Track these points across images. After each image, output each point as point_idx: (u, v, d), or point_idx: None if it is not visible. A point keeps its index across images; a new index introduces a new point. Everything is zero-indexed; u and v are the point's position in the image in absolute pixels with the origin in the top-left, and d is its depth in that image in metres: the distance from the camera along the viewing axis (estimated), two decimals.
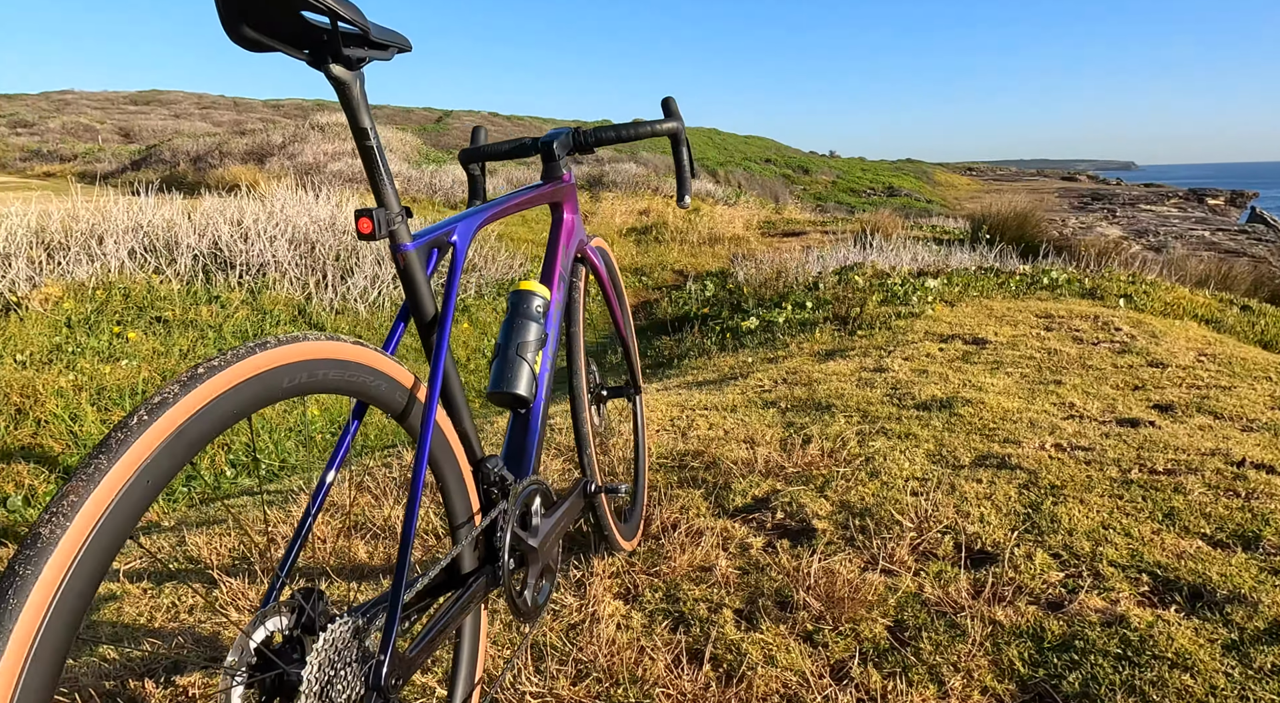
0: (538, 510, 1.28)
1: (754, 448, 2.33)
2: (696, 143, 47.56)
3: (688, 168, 1.64)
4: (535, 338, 1.37)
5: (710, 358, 4.20)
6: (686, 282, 7.99)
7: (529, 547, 1.23)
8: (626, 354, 1.90)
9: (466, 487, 1.14)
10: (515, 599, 1.19)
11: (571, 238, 1.57)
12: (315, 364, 0.81)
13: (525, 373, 1.33)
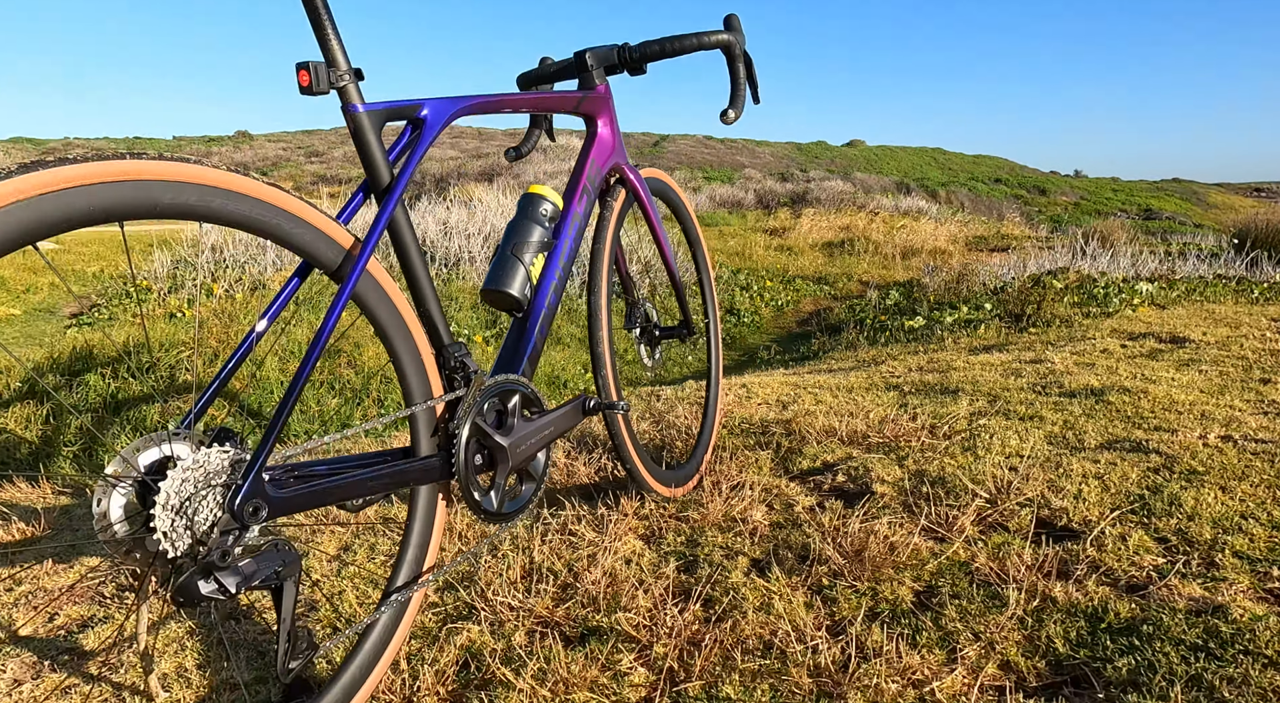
0: (515, 411, 1.24)
1: (843, 419, 2.12)
2: (917, 163, 45.28)
3: (743, 86, 1.54)
4: (536, 241, 1.34)
5: (855, 351, 3.92)
6: (869, 291, 7.58)
7: (496, 444, 1.19)
8: (677, 293, 1.81)
9: (426, 369, 1.14)
10: (473, 495, 1.16)
11: (606, 155, 1.53)
12: (205, 191, 0.84)
13: (520, 274, 1.31)
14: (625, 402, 1.40)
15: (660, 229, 1.70)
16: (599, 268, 1.50)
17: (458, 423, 1.15)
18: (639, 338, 1.80)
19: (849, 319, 6.06)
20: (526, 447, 1.26)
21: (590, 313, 1.49)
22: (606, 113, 1.53)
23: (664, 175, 1.78)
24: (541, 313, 1.35)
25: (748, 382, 2.94)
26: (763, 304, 7.59)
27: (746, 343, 6.48)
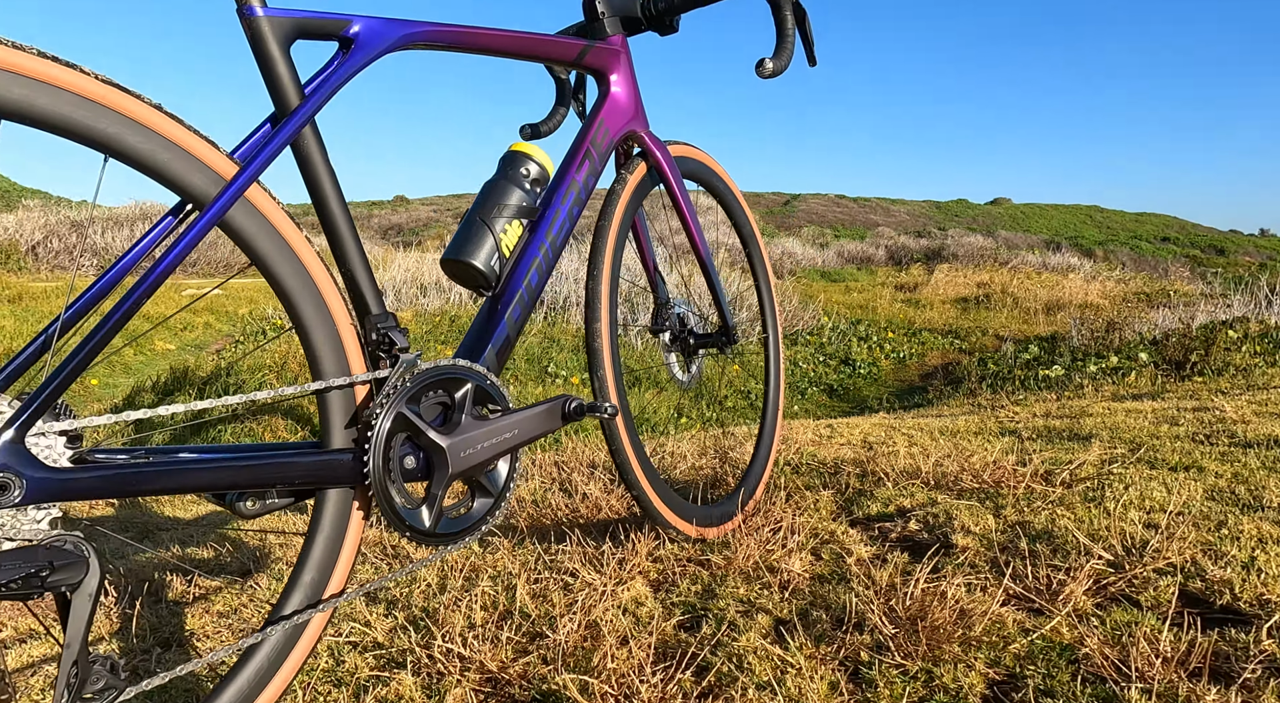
0: (464, 406, 1.00)
1: (932, 460, 1.73)
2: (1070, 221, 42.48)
3: (791, 35, 1.27)
4: (514, 204, 1.11)
5: (974, 398, 3.43)
6: (1005, 344, 6.88)
7: (432, 443, 0.95)
8: (713, 291, 1.52)
9: (342, 339, 0.92)
10: (393, 506, 0.92)
11: (619, 117, 1.29)
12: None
13: (486, 243, 1.09)
14: (613, 405, 1.12)
15: (691, 212, 1.43)
16: (601, 248, 1.25)
17: (375, 411, 0.91)
18: (668, 346, 1.52)
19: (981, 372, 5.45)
20: (476, 451, 1.00)
21: (588, 300, 1.24)
22: (621, 69, 1.30)
23: (701, 152, 1.52)
24: (517, 294, 1.11)
25: (835, 423, 2.57)
26: (882, 356, 7.05)
27: (860, 395, 5.98)
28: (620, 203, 1.29)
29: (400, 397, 0.93)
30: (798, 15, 1.31)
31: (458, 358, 1.05)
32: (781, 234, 19.61)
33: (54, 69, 0.70)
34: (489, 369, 1.08)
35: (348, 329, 0.93)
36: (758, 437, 1.68)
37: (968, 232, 27.45)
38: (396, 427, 0.93)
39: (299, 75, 0.88)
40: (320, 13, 0.89)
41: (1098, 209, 44.89)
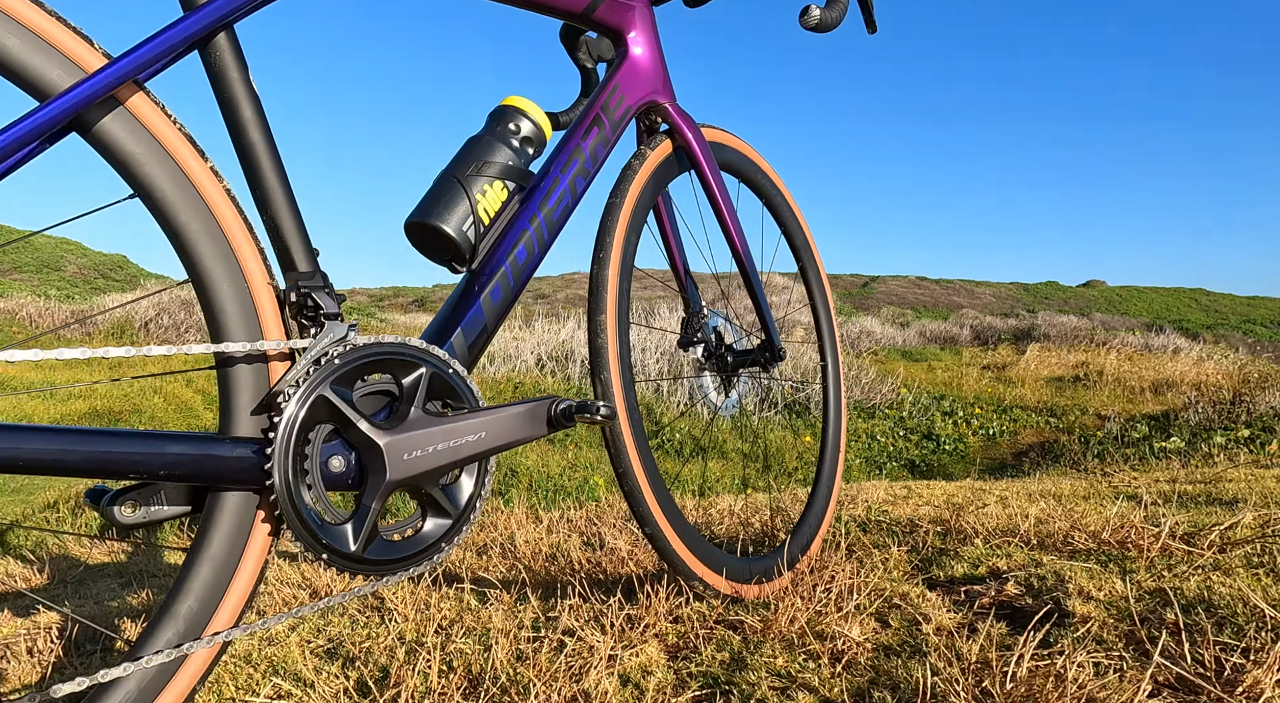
0: (415, 397, 0.79)
1: (1031, 517, 1.40)
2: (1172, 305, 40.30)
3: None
4: (498, 163, 0.93)
5: (1078, 467, 3.00)
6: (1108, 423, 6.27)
7: (365, 439, 0.74)
8: (754, 298, 1.27)
9: (253, 298, 0.73)
10: (302, 518, 0.71)
11: (639, 83, 1.11)
12: None
13: (459, 206, 0.89)
14: (608, 405, 0.88)
15: (727, 205, 1.22)
16: (611, 228, 1.04)
17: (286, 390, 0.71)
18: (701, 363, 1.28)
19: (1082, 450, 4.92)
20: (426, 454, 0.78)
21: (592, 288, 1.02)
22: (641, 28, 1.12)
23: (741, 141, 1.32)
24: (499, 272, 0.91)
25: (913, 485, 2.23)
26: (969, 431, 6.54)
27: (946, 471, 5.49)
28: (637, 179, 1.08)
29: (324, 376, 0.73)
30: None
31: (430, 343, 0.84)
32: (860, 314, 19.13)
33: None
34: (453, 356, 0.87)
35: (263, 287, 0.73)
36: (814, 481, 1.40)
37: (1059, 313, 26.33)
38: (316, 414, 0.73)
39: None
40: None
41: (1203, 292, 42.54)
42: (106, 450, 0.63)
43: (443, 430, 0.80)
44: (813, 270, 1.47)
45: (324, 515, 0.73)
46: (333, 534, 0.73)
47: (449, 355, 0.84)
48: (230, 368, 0.72)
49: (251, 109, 0.74)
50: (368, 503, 0.75)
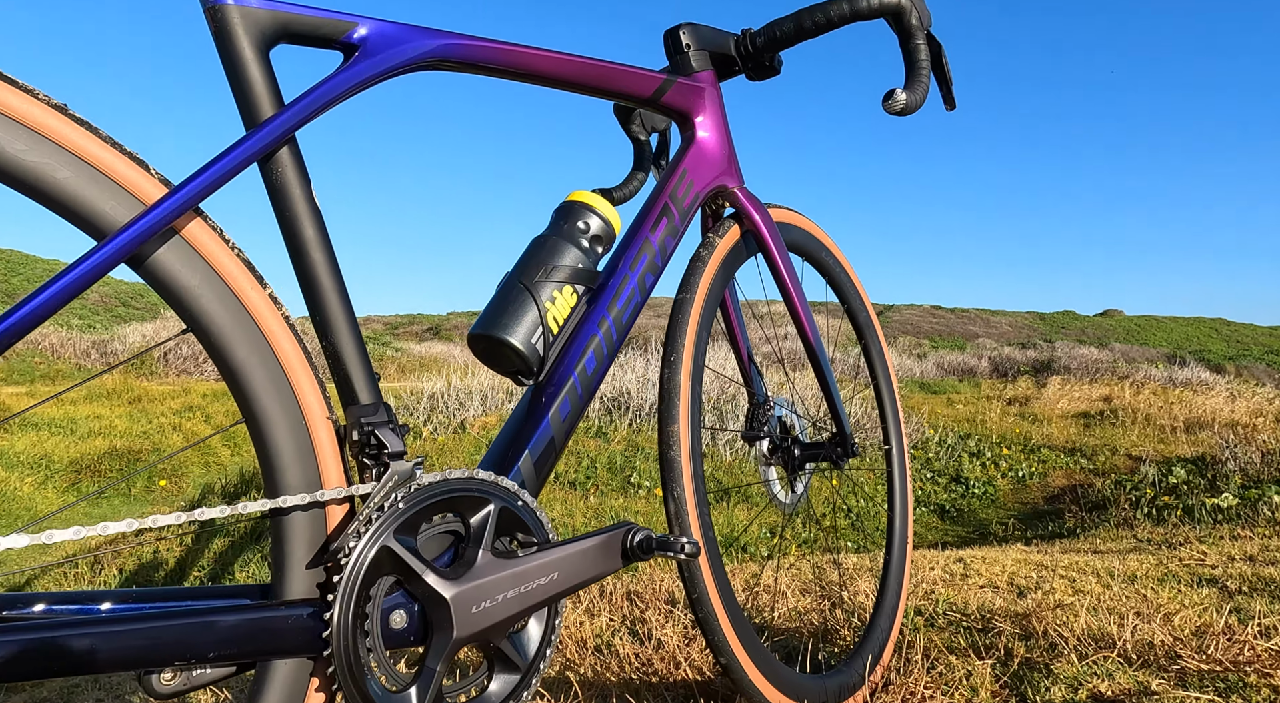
0: (483, 537, 0.71)
1: (1124, 620, 1.30)
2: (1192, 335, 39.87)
3: (924, 68, 1.00)
4: (567, 267, 0.85)
5: (1132, 529, 2.87)
6: (1142, 466, 6.10)
7: (431, 593, 0.66)
8: (825, 389, 1.19)
9: (312, 439, 0.66)
10: (361, 687, 0.63)
11: (706, 168, 1.04)
12: None
13: (528, 316, 0.82)
14: (693, 541, 0.80)
15: (797, 290, 1.14)
16: (681, 327, 0.96)
17: (348, 543, 0.63)
18: (767, 457, 1.20)
19: (1118, 497, 4.77)
20: (497, 603, 0.70)
21: (662, 394, 0.94)
22: (709, 110, 1.05)
23: (807, 220, 1.25)
24: (568, 383, 0.84)
25: (967, 556, 2.12)
26: (998, 474, 6.38)
27: (977, 518, 5.34)
28: (707, 272, 1.01)
29: (388, 524, 0.65)
30: (933, 48, 1.05)
31: (481, 468, 0.77)
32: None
33: None
34: (523, 484, 0.79)
35: (322, 424, 0.66)
36: (881, 580, 1.30)
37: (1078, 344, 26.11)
38: (379, 567, 0.65)
39: (279, 86, 0.67)
40: (316, 8, 0.68)
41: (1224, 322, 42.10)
42: (147, 641, 0.55)
43: (512, 575, 0.72)
44: (876, 350, 1.39)
45: (385, 682, 0.65)
46: (395, 697, 0.65)
47: (517, 485, 0.76)
48: (284, 518, 0.65)
49: (314, 228, 0.67)
50: (432, 665, 0.67)
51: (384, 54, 0.71)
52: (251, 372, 0.63)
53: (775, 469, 1.21)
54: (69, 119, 0.55)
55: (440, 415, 7.38)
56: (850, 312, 1.36)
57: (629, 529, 0.82)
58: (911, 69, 1.01)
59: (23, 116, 0.53)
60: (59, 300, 0.52)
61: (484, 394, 7.89)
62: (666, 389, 0.94)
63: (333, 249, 0.69)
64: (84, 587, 2.76)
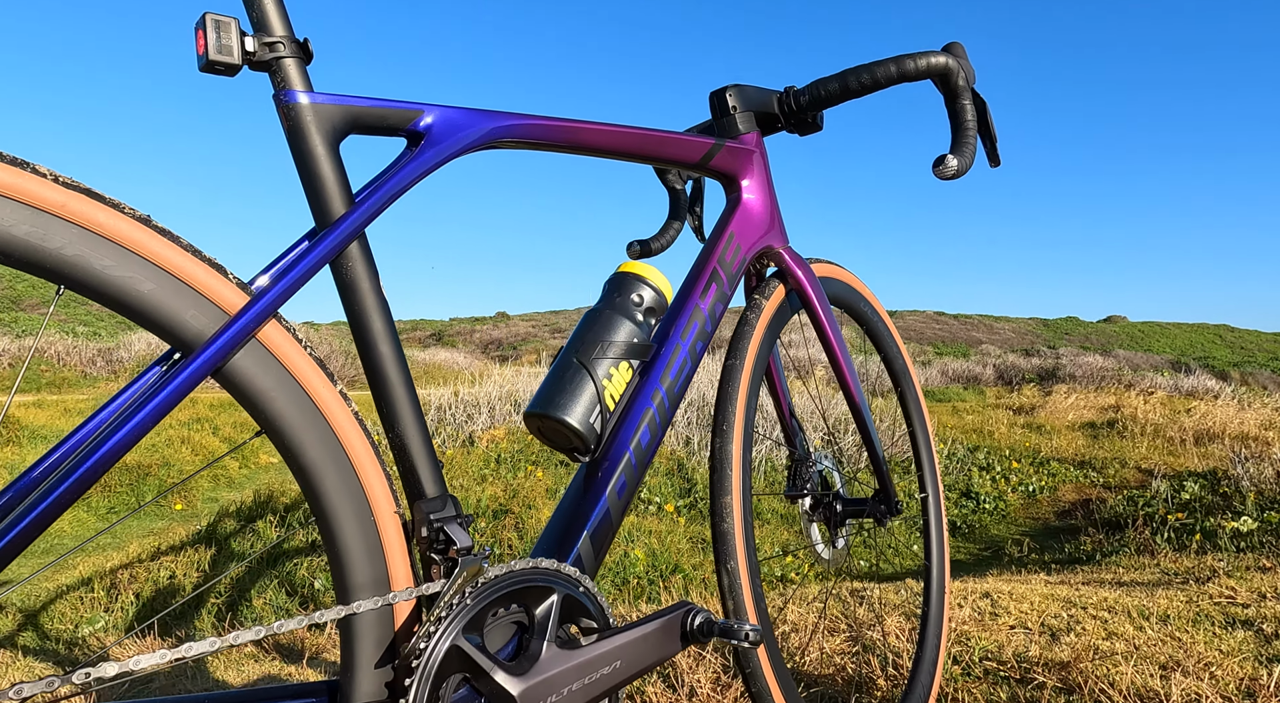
0: (546, 628, 0.70)
1: (1173, 678, 1.28)
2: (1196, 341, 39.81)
3: (970, 130, 1.00)
4: (622, 342, 0.85)
5: (1153, 557, 2.86)
6: (1153, 481, 6.07)
7: (499, 691, 0.65)
8: (868, 446, 1.19)
9: (381, 538, 0.65)
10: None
11: (752, 229, 1.04)
12: None
13: (585, 394, 0.81)
14: (757, 628, 0.79)
15: (840, 346, 1.14)
16: (732, 396, 0.96)
17: (419, 645, 0.63)
18: (809, 513, 1.19)
19: (1131, 513, 4.74)
20: (562, 696, 0.69)
21: (714, 465, 0.94)
22: (754, 173, 1.05)
23: (849, 273, 1.24)
24: (623, 459, 0.83)
25: (993, 590, 2.11)
26: (1008, 488, 6.36)
27: (989, 534, 5.32)
28: (755, 336, 1.01)
29: (457, 622, 0.64)
30: (978, 106, 1.04)
31: (544, 553, 0.76)
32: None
33: None
34: (582, 569, 0.78)
35: (391, 522, 0.65)
36: (920, 631, 1.29)
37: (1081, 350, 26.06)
38: (448, 666, 0.64)
39: (349, 179, 0.66)
40: (383, 101, 0.68)
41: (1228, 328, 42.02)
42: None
43: (577, 667, 0.71)
44: (911, 396, 1.38)
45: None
46: None
47: (579, 572, 0.75)
48: (352, 614, 0.64)
49: (382, 321, 0.67)
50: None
51: (449, 140, 0.71)
52: (324, 471, 0.62)
53: (817, 527, 1.20)
54: (153, 230, 0.54)
55: (448, 428, 7.37)
56: (887, 360, 1.36)
57: (689, 611, 0.81)
58: (959, 131, 1.00)
59: (110, 232, 0.52)
60: (150, 421, 0.52)
61: (491, 406, 7.88)
62: (718, 460, 0.93)
63: (399, 340, 0.68)
64: (99, 614, 2.75)
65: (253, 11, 0.63)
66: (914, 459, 1.38)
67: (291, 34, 0.64)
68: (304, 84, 0.64)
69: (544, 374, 0.87)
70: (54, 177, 0.51)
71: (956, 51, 1.04)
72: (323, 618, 0.60)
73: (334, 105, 0.65)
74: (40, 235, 0.50)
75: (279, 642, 2.09)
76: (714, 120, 1.06)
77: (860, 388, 1.18)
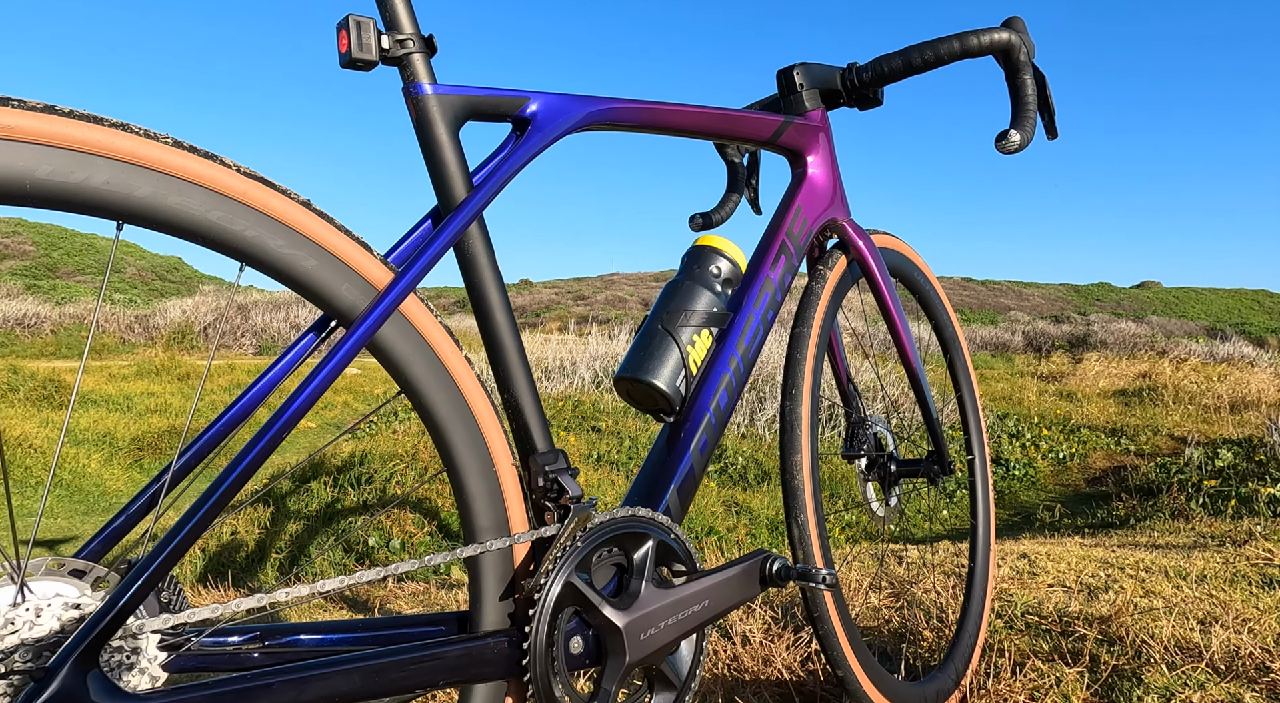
0: (645, 569, 0.78)
1: (1212, 631, 1.34)
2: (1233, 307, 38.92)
3: (1030, 104, 1.04)
4: (702, 311, 0.91)
5: (1189, 521, 2.89)
6: (1186, 448, 6.05)
7: (606, 621, 0.73)
8: (924, 410, 1.25)
9: (501, 487, 0.73)
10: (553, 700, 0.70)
11: (818, 204, 1.09)
12: (138, 175, 0.53)
13: (671, 357, 0.88)
14: (832, 571, 0.87)
15: (899, 314, 1.19)
16: (800, 362, 1.02)
17: (540, 581, 0.71)
18: (864, 473, 1.25)
19: (1164, 480, 4.76)
20: (659, 630, 0.77)
21: (784, 427, 1.00)
22: (820, 148, 1.10)
23: (905, 244, 1.29)
24: (704, 419, 0.90)
25: (1029, 551, 2.17)
26: (1038, 455, 6.38)
27: (1019, 501, 5.36)
28: (820, 305, 1.06)
29: (569, 560, 0.72)
30: (1038, 80, 1.07)
31: (634, 504, 0.83)
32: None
33: (188, 161, 0.55)
34: (672, 517, 0.85)
35: (509, 473, 0.73)
36: (968, 584, 1.36)
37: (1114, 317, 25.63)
38: (564, 599, 0.72)
39: (467, 162, 0.73)
40: (495, 90, 0.74)
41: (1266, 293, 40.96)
42: (375, 680, 0.62)
43: (671, 604, 0.79)
44: (960, 363, 1.44)
45: (569, 701, 0.73)
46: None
47: (670, 520, 0.83)
48: (480, 558, 0.72)
49: (497, 293, 0.74)
50: (608, 687, 0.74)
51: (553, 125, 0.77)
52: (453, 428, 0.70)
53: (872, 485, 1.26)
54: (313, 213, 0.61)
55: None
56: (938, 327, 1.41)
57: (766, 557, 0.88)
58: (1020, 106, 1.04)
59: (281, 215, 0.59)
60: (329, 379, 0.59)
61: None
62: (789, 421, 1.00)
63: (512, 311, 0.75)
64: None
65: (385, 11, 0.69)
66: (961, 423, 1.44)
67: (418, 31, 0.70)
68: (429, 77, 0.70)
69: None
70: (237, 167, 0.58)
71: (1017, 26, 1.07)
72: (462, 554, 0.68)
73: (455, 96, 0.71)
74: (229, 220, 0.57)
75: (344, 595, 2.21)
76: (780, 97, 1.11)
77: (918, 354, 1.23)
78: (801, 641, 1.47)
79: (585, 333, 9.64)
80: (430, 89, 0.70)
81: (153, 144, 0.54)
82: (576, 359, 8.14)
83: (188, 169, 0.55)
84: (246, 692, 0.54)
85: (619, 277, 52.46)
